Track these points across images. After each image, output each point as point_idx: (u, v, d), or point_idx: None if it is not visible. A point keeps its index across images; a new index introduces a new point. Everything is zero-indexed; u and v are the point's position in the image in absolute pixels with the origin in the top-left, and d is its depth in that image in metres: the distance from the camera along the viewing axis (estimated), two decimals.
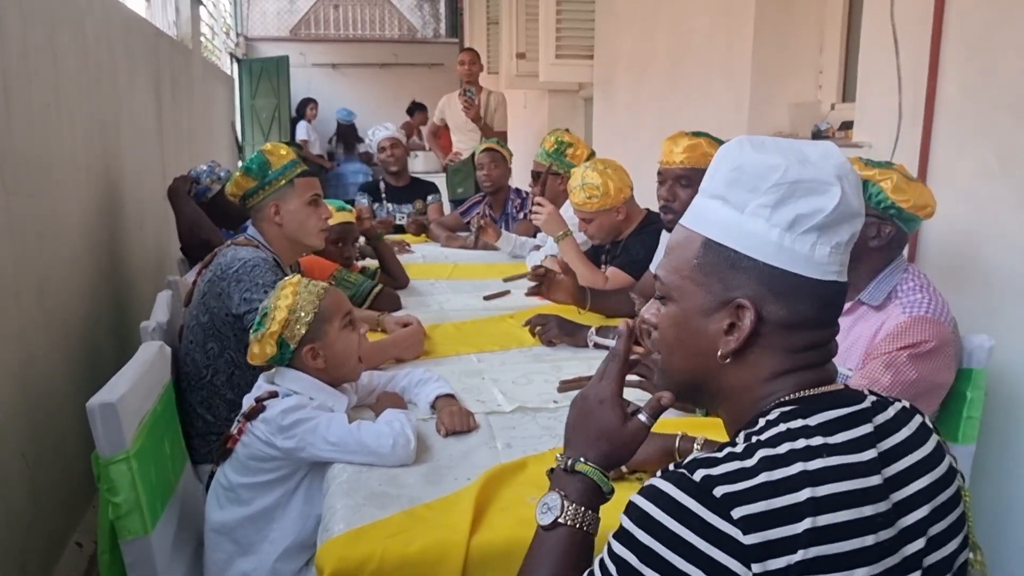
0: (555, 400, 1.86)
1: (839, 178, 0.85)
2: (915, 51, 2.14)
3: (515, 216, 4.07)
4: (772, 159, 0.86)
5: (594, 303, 2.60)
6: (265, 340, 1.62)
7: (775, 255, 0.85)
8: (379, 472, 1.49)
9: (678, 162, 2.27)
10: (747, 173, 0.87)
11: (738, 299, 0.86)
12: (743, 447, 0.82)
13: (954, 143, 2.08)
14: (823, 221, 0.85)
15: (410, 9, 12.78)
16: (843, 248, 0.87)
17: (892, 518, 0.81)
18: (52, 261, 2.54)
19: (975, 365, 1.68)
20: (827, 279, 0.86)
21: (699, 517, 0.77)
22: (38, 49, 2.51)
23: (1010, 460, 1.92)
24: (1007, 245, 1.90)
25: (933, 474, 0.87)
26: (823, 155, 0.87)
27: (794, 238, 0.85)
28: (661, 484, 0.81)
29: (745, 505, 0.76)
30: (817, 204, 0.85)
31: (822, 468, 0.78)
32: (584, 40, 5.04)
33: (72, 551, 2.51)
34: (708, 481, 0.78)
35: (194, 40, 6.28)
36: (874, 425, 0.85)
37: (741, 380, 0.89)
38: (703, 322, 0.90)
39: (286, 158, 2.23)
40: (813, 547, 0.75)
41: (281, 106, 10.30)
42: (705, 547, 0.75)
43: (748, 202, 0.86)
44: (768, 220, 0.85)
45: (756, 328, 0.86)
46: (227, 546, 1.64)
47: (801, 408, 0.84)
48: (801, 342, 0.88)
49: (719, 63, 3.33)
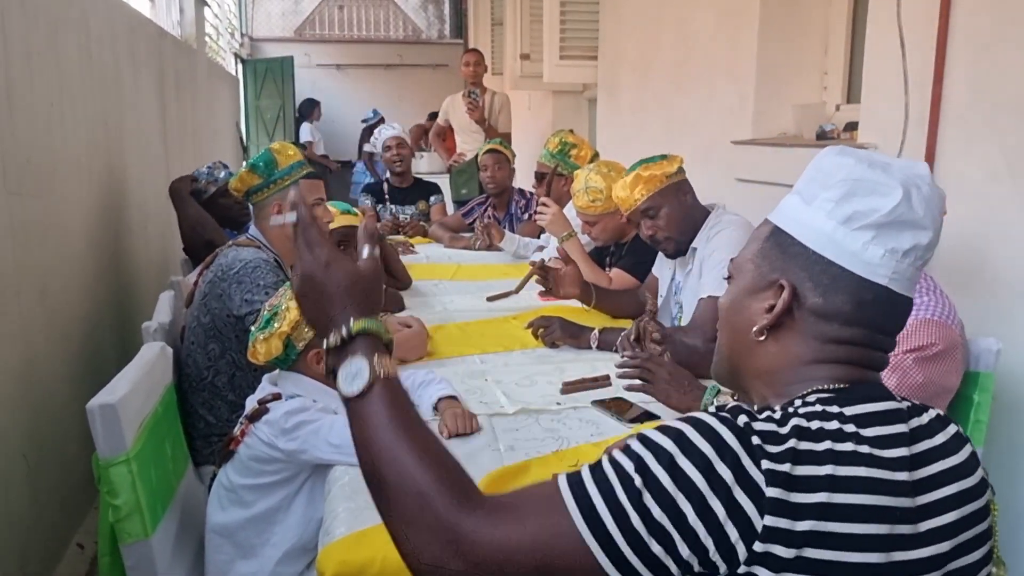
0: (558, 402, 1.85)
1: (905, 185, 0.87)
2: (921, 52, 2.13)
3: (519, 217, 4.06)
4: (846, 160, 0.91)
5: (600, 301, 2.59)
6: (273, 339, 1.61)
7: (825, 245, 0.89)
8: None
9: (637, 199, 2.25)
10: (823, 171, 0.92)
11: (780, 280, 0.90)
12: (780, 414, 0.83)
13: (961, 145, 2.06)
14: (878, 220, 0.87)
15: (415, 10, 12.79)
16: (901, 256, 0.87)
17: (914, 518, 0.81)
18: (54, 261, 2.54)
19: (982, 368, 1.67)
20: (872, 280, 0.87)
21: (736, 454, 0.77)
22: (41, 49, 2.50)
23: (1018, 464, 1.90)
24: (1014, 247, 1.88)
25: (964, 482, 0.87)
26: (903, 166, 0.90)
27: (847, 232, 0.88)
28: (704, 416, 0.81)
29: (772, 461, 0.77)
30: (875, 203, 0.87)
31: (849, 452, 0.79)
32: (588, 41, 5.03)
33: (73, 552, 2.50)
34: (749, 428, 0.79)
35: (198, 40, 6.29)
36: (910, 427, 0.86)
37: (773, 362, 0.92)
38: (748, 300, 0.94)
39: (293, 158, 2.23)
40: (823, 521, 0.76)
41: (286, 107, 10.32)
42: (732, 483, 0.76)
43: (816, 195, 0.91)
44: (829, 213, 0.89)
45: (790, 310, 0.90)
46: (228, 548, 1.63)
47: (839, 397, 0.86)
48: (832, 333, 0.89)
49: (723, 64, 3.32)
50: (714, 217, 2.28)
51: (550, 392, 1.92)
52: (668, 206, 2.24)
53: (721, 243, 2.19)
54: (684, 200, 2.27)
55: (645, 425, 1.68)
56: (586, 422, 1.75)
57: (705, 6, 3.50)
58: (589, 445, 1.62)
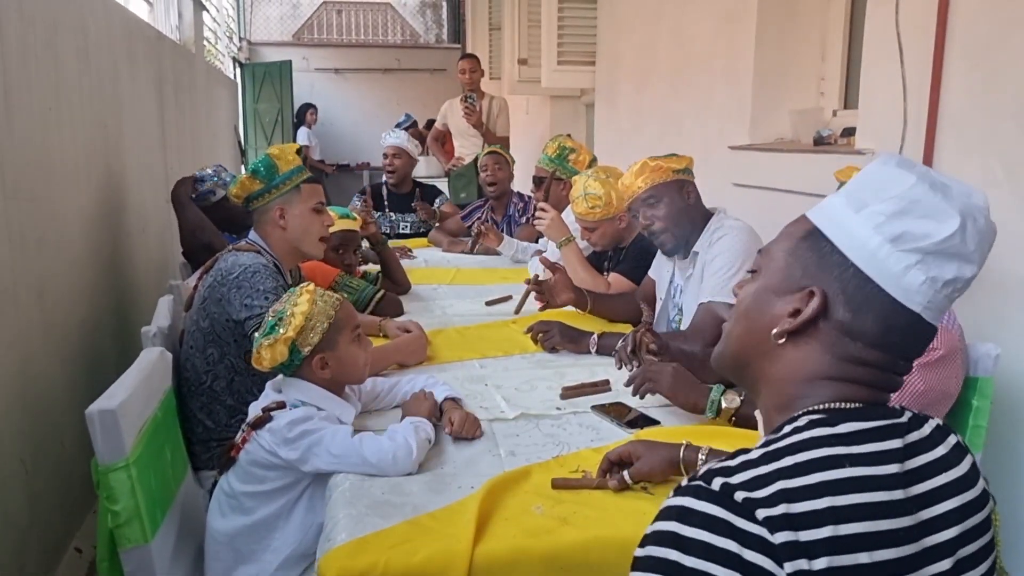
0: (558, 407, 1.85)
1: (963, 215, 0.84)
2: (919, 59, 2.14)
3: (517, 220, 4.06)
4: (906, 174, 0.86)
5: (597, 306, 2.59)
6: (279, 344, 1.60)
7: (867, 261, 0.85)
8: (382, 481, 1.48)
9: (640, 187, 2.27)
10: (877, 179, 0.88)
11: (811, 287, 0.87)
12: (759, 455, 0.81)
13: (958, 151, 2.07)
14: (928, 247, 0.83)
15: (413, 14, 12.81)
16: (940, 286, 0.84)
17: (916, 535, 0.79)
18: (52, 265, 2.54)
19: (981, 373, 1.67)
20: (907, 305, 0.84)
21: (727, 522, 0.76)
22: (39, 52, 2.50)
23: (1016, 469, 1.91)
24: (1012, 253, 1.89)
25: (965, 496, 0.85)
26: (962, 192, 0.86)
27: (892, 252, 0.84)
28: (681, 501, 0.79)
29: (766, 508, 0.75)
30: (929, 228, 0.83)
31: (844, 479, 0.78)
32: (586, 46, 5.04)
33: (71, 557, 2.49)
34: (727, 488, 0.77)
35: (197, 44, 6.29)
36: (905, 442, 0.84)
37: (785, 370, 0.89)
38: (773, 300, 0.90)
39: (294, 163, 2.23)
40: (838, 555, 0.74)
41: (284, 110, 10.32)
42: (739, 550, 0.74)
43: (867, 204, 0.86)
44: (877, 227, 0.85)
45: (816, 320, 0.86)
46: (228, 554, 1.63)
47: (830, 417, 0.84)
48: (853, 352, 0.86)
49: (721, 69, 3.33)
50: (716, 221, 2.28)
51: (550, 397, 1.92)
52: (669, 198, 2.25)
53: (723, 248, 2.19)
54: (686, 198, 2.27)
55: (645, 431, 1.68)
56: (586, 427, 1.75)
57: (703, 12, 3.51)
58: (590, 450, 1.61)
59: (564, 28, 4.99)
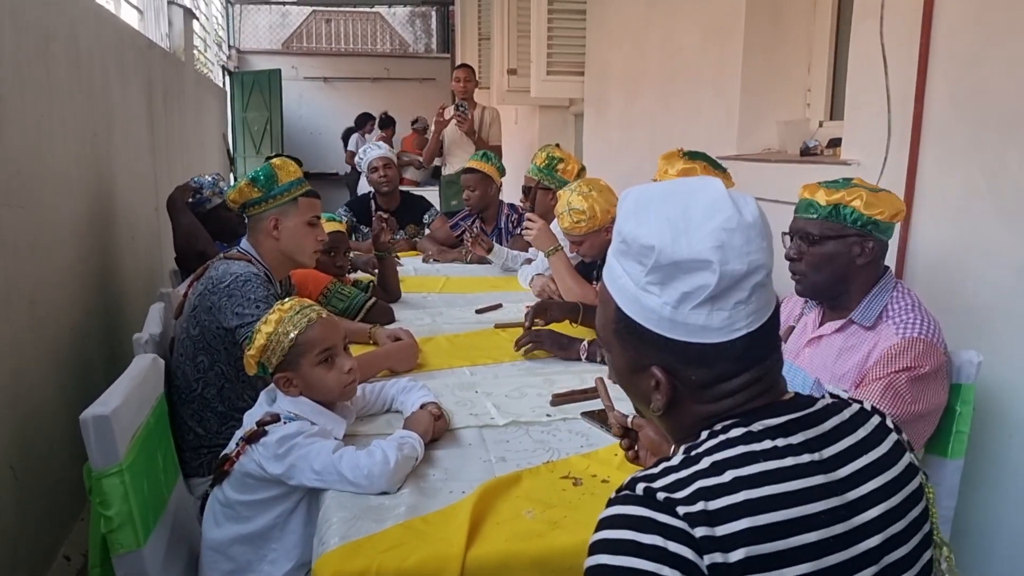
0: (548, 414, 1.87)
1: (718, 249, 0.84)
2: (904, 70, 2.17)
3: (511, 231, 4.07)
4: (648, 238, 0.86)
5: (588, 318, 2.61)
6: (248, 359, 1.65)
7: (672, 329, 0.87)
8: None
9: None
10: (632, 247, 0.89)
11: (651, 367, 0.90)
12: (679, 460, 0.86)
13: (942, 161, 2.10)
14: (710, 295, 0.85)
15: (402, 24, 12.86)
16: (746, 301, 0.86)
17: (845, 514, 0.84)
18: (43, 272, 2.54)
19: (964, 380, 1.69)
20: (732, 337, 0.87)
21: (652, 519, 0.80)
22: (30, 60, 2.51)
23: (998, 473, 1.93)
24: (994, 263, 1.92)
25: (888, 473, 0.90)
26: (704, 217, 0.86)
27: (687, 313, 0.86)
28: (609, 511, 0.84)
29: (685, 505, 0.80)
30: (699, 281, 0.85)
31: (758, 472, 0.82)
32: (575, 56, 5.07)
33: (60, 565, 2.49)
34: (650, 491, 0.82)
35: (187, 52, 6.29)
36: (823, 429, 0.89)
37: (676, 424, 0.95)
38: (634, 378, 0.94)
39: (294, 175, 2.24)
40: (755, 545, 0.79)
41: (272, 119, 10.32)
42: (664, 543, 0.79)
43: (639, 276, 0.88)
44: (659, 297, 0.87)
45: (675, 389, 0.90)
46: (224, 564, 1.63)
47: (743, 419, 0.88)
48: (723, 389, 0.90)
49: (709, 80, 3.36)
50: None
51: (540, 404, 1.93)
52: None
53: None
54: None
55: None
56: (576, 434, 1.77)
57: (691, 23, 3.55)
58: (579, 456, 1.63)
59: (553, 38, 5.03)
